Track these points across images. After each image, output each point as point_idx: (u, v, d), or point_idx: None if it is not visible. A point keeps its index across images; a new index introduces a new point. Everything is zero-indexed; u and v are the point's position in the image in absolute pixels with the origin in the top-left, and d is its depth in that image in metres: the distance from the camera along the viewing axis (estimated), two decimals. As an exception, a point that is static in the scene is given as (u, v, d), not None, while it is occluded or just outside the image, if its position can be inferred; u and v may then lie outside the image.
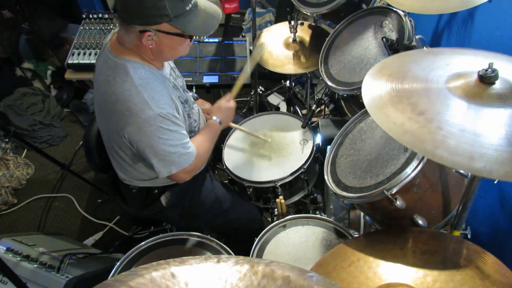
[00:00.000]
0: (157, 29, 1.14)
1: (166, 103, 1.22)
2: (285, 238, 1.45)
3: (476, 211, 1.57)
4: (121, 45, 1.22)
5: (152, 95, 1.18)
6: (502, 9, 1.42)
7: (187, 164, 1.29)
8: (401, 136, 0.81)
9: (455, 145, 0.75)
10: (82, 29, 2.51)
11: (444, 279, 0.90)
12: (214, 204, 1.61)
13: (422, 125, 0.80)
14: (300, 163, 1.66)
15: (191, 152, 1.31)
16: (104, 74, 1.22)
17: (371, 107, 0.90)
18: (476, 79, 0.85)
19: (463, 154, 0.74)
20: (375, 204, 1.13)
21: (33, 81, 3.25)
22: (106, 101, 1.21)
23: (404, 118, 0.83)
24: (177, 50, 1.25)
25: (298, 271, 0.56)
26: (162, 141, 1.21)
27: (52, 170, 2.76)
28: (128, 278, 0.52)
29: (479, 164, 0.72)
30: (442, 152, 0.75)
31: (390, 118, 0.85)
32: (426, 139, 0.78)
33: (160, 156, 1.24)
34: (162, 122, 1.20)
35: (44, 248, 1.71)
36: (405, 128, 0.81)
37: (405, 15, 1.48)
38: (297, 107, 2.53)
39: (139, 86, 1.17)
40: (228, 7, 2.28)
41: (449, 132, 0.77)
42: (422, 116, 0.82)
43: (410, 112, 0.84)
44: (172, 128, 1.23)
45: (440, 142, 0.76)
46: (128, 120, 1.18)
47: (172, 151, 1.25)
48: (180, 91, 1.41)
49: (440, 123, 0.80)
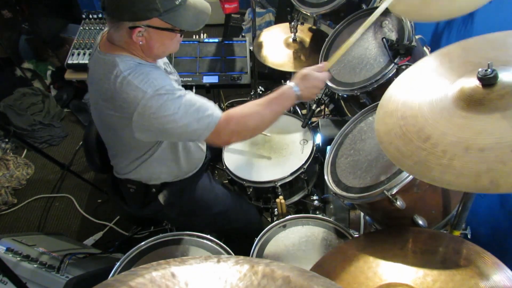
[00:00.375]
0: (147, 25, 1.13)
1: (156, 79, 1.16)
2: (285, 238, 1.44)
3: (476, 211, 1.57)
4: (111, 44, 1.21)
5: (141, 78, 1.15)
6: (502, 9, 1.42)
7: (212, 126, 1.18)
8: (412, 168, 0.81)
9: (460, 166, 0.74)
10: (82, 29, 2.51)
11: (444, 279, 0.90)
12: (212, 203, 1.61)
13: (429, 152, 0.80)
14: (300, 163, 1.66)
15: (212, 114, 1.18)
16: (96, 73, 1.22)
17: (384, 143, 0.91)
18: (478, 84, 0.82)
19: (468, 174, 0.72)
20: (375, 204, 1.13)
21: (33, 81, 3.25)
22: (104, 100, 1.20)
23: (414, 147, 0.82)
24: (167, 46, 1.24)
25: (298, 271, 0.56)
26: (170, 117, 1.14)
27: (52, 170, 2.76)
28: (128, 278, 0.52)
29: (485, 181, 0.70)
30: (449, 177, 0.74)
31: (400, 152, 0.85)
32: (433, 167, 0.77)
33: (177, 134, 1.19)
34: (160, 99, 1.13)
35: (44, 248, 1.71)
36: (415, 159, 0.81)
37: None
38: (297, 107, 2.53)
39: (128, 75, 1.15)
40: (228, 7, 2.29)
41: (453, 154, 0.76)
42: (428, 142, 0.81)
43: (417, 140, 0.83)
44: (174, 98, 1.15)
45: (445, 167, 0.75)
46: (128, 110, 1.15)
47: (185, 122, 1.16)
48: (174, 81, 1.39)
49: (445, 146, 0.78)
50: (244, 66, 2.21)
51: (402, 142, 0.86)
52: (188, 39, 2.33)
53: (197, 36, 2.38)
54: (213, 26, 3.71)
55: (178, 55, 2.22)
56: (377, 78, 1.43)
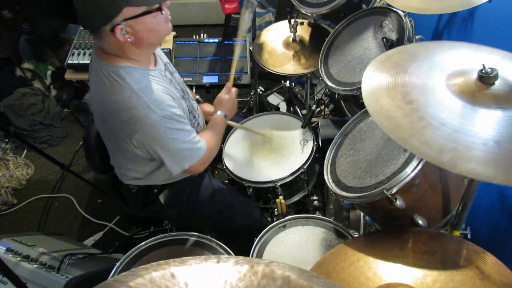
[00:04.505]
0: (124, 18, 1.12)
1: (167, 103, 1.22)
2: (285, 238, 1.45)
3: (476, 211, 1.57)
4: (107, 54, 1.22)
5: (153, 98, 1.19)
6: (502, 9, 1.41)
7: (198, 158, 1.33)
8: (383, 120, 0.84)
9: (430, 136, 0.78)
10: (82, 29, 2.51)
11: (444, 279, 0.90)
12: (213, 202, 1.61)
13: (406, 113, 0.83)
14: (300, 163, 1.66)
15: (201, 147, 1.34)
16: (100, 84, 1.22)
17: (366, 90, 0.93)
18: (476, 79, 0.85)
19: (434, 146, 0.77)
20: (375, 204, 1.13)
21: (33, 81, 3.24)
22: (109, 112, 1.21)
23: (392, 105, 0.86)
24: (155, 30, 1.21)
25: (298, 271, 0.56)
26: (171, 141, 1.25)
27: (52, 170, 2.76)
28: (128, 279, 0.52)
29: (445, 157, 0.75)
30: (414, 142, 0.78)
31: (378, 103, 0.88)
32: (404, 127, 0.81)
33: (172, 155, 1.28)
34: (168, 123, 1.21)
35: (44, 248, 1.71)
36: (389, 114, 0.84)
37: (405, 15, 1.48)
38: (297, 107, 2.53)
39: (138, 91, 1.17)
40: (228, 7, 2.29)
41: (428, 123, 0.80)
42: (409, 105, 0.85)
43: (400, 99, 0.86)
44: (178, 127, 1.26)
45: (416, 131, 0.80)
46: (134, 127, 1.19)
47: (182, 148, 1.29)
48: (175, 85, 1.40)
49: (424, 114, 0.82)
50: (244, 66, 2.21)
51: (385, 94, 0.89)
52: (188, 39, 2.33)
53: (197, 36, 2.38)
54: (213, 26, 3.72)
55: (178, 55, 2.22)
56: (377, 78, 1.43)
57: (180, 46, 2.29)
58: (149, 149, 1.26)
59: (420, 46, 1.07)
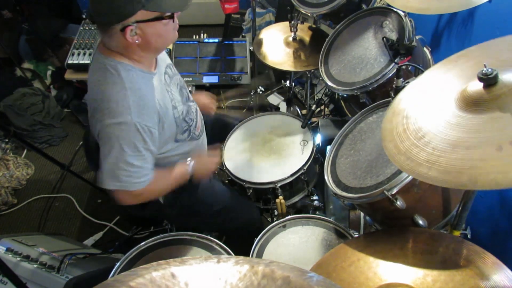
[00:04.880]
0: (136, 20, 1.12)
1: (148, 116, 1.18)
2: (285, 238, 1.44)
3: (476, 211, 1.57)
4: (110, 51, 1.21)
5: (138, 103, 1.16)
6: (502, 9, 1.41)
7: (132, 189, 1.22)
8: (405, 162, 0.85)
9: (446, 163, 0.77)
10: (82, 29, 2.51)
11: (444, 279, 0.90)
12: (213, 201, 1.61)
13: (421, 149, 0.84)
14: (300, 164, 1.66)
15: (142, 182, 1.23)
16: (96, 75, 1.22)
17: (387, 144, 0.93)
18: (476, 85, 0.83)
19: (452, 171, 0.76)
20: (375, 204, 1.13)
21: (33, 81, 3.24)
22: (95, 100, 1.20)
23: (409, 145, 0.86)
24: (164, 36, 1.22)
25: (298, 271, 0.56)
26: (122, 152, 1.16)
27: (52, 170, 2.76)
28: (128, 278, 0.52)
29: (464, 178, 0.73)
30: (433, 173, 0.78)
31: (397, 148, 0.88)
32: (422, 162, 0.81)
33: (110, 165, 1.18)
34: (134, 134, 1.16)
35: (44, 248, 1.71)
36: (408, 155, 0.85)
37: (405, 16, 1.48)
38: (297, 107, 2.53)
39: (128, 89, 1.16)
40: (228, 7, 2.29)
41: (442, 151, 0.80)
42: (422, 140, 0.85)
43: (414, 137, 0.87)
44: (139, 146, 1.18)
45: (432, 163, 0.79)
46: (103, 117, 1.16)
47: (124, 167, 1.18)
48: (172, 93, 1.39)
49: (436, 143, 0.82)
50: (244, 66, 2.21)
51: (400, 139, 0.89)
52: (188, 39, 2.33)
53: (197, 36, 2.38)
54: (213, 26, 3.71)
55: (178, 55, 2.22)
56: (377, 78, 1.43)
57: (180, 46, 2.29)
58: (102, 145, 1.19)
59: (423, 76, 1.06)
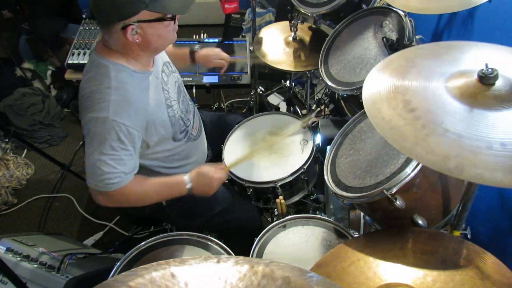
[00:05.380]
0: (138, 20, 1.13)
1: (129, 116, 1.17)
2: (285, 238, 1.44)
3: (476, 211, 1.57)
4: (108, 49, 1.21)
5: (119, 101, 1.15)
6: (502, 9, 1.41)
7: (102, 189, 1.20)
8: (387, 131, 0.83)
9: (434, 144, 0.77)
10: (82, 29, 2.51)
11: (444, 279, 0.90)
12: (213, 202, 1.61)
13: (409, 122, 0.82)
14: (300, 163, 1.66)
15: (115, 183, 1.19)
16: (88, 74, 1.22)
17: (367, 101, 0.92)
18: (476, 79, 0.84)
19: (439, 153, 0.75)
20: (375, 204, 1.13)
21: (33, 81, 3.24)
22: (82, 96, 1.21)
23: (394, 114, 0.85)
24: (164, 37, 1.22)
25: (298, 271, 0.56)
26: (97, 149, 1.15)
27: (52, 170, 2.76)
28: (128, 278, 0.52)
29: (452, 164, 0.73)
30: (419, 150, 0.77)
31: (380, 113, 0.87)
32: (408, 136, 0.80)
33: (88, 162, 1.18)
34: (109, 131, 1.14)
35: (44, 248, 1.71)
36: (392, 124, 0.83)
37: (405, 15, 1.48)
38: (297, 107, 2.53)
39: (112, 88, 1.16)
40: (228, 7, 2.28)
41: (432, 130, 0.79)
42: (411, 113, 0.84)
43: (401, 108, 0.85)
44: (114, 145, 1.15)
45: (420, 140, 0.78)
46: (85, 111, 1.17)
47: (97, 165, 1.16)
48: (169, 91, 1.39)
49: (427, 121, 0.81)
50: (244, 66, 2.21)
51: (386, 105, 0.88)
52: (188, 39, 2.33)
53: (197, 36, 2.38)
54: (213, 26, 3.71)
55: (178, 55, 2.22)
56: (377, 78, 1.43)
57: (180, 46, 2.28)
58: (85, 141, 1.20)
59: (417, 50, 1.06)
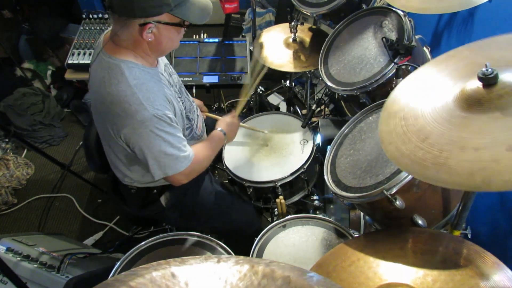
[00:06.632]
0: (158, 21, 1.14)
1: (161, 104, 1.21)
2: (285, 238, 1.45)
3: (476, 211, 1.57)
4: (115, 45, 1.21)
5: (147, 96, 1.18)
6: (502, 9, 1.41)
7: (183, 167, 1.28)
8: (410, 166, 0.82)
9: (456, 165, 0.75)
10: (82, 29, 2.50)
11: (444, 279, 0.90)
12: (213, 205, 1.61)
13: (426, 151, 0.81)
14: (300, 163, 1.66)
15: (188, 156, 1.29)
16: (99, 75, 1.21)
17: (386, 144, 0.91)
18: (479, 85, 0.82)
19: (463, 173, 0.73)
20: (375, 204, 1.13)
21: (33, 81, 3.24)
22: (102, 103, 1.21)
23: (412, 148, 0.84)
24: (173, 41, 1.25)
25: (298, 271, 0.56)
26: (158, 142, 1.21)
27: (52, 170, 2.76)
28: (128, 278, 0.52)
29: (478, 179, 0.71)
30: (443, 175, 0.75)
31: (399, 150, 0.86)
32: (429, 165, 0.78)
33: (156, 158, 1.23)
34: (158, 123, 1.19)
35: (44, 248, 1.71)
36: (412, 158, 0.82)
37: (405, 15, 1.47)
38: (297, 107, 2.53)
39: (134, 86, 1.16)
40: (228, 7, 2.28)
41: (450, 152, 0.77)
42: (426, 142, 0.82)
43: (415, 140, 0.84)
44: (168, 130, 1.22)
45: (441, 165, 0.77)
46: (123, 121, 1.18)
47: (168, 153, 1.23)
48: (175, 88, 1.40)
49: (442, 145, 0.79)
50: (244, 66, 2.21)
51: (401, 142, 0.87)
52: (188, 39, 2.33)
53: (197, 36, 2.38)
54: (213, 26, 3.71)
55: (178, 55, 2.22)
56: (377, 78, 1.43)
57: (180, 46, 2.27)
58: (135, 147, 1.23)
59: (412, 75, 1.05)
